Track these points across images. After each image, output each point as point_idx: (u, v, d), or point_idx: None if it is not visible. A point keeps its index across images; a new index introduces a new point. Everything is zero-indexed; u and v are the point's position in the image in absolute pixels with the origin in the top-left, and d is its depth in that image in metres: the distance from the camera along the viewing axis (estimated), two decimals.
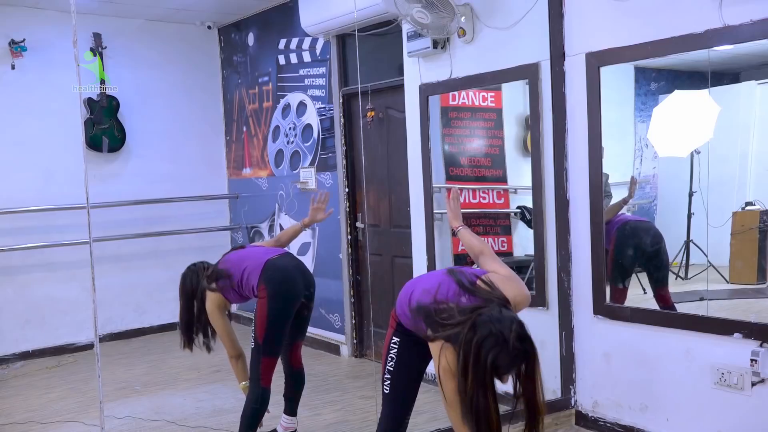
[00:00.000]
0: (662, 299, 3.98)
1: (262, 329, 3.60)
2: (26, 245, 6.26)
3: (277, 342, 3.68)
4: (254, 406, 3.65)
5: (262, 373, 3.63)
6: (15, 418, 4.79)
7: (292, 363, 3.99)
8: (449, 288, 2.64)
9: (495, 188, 5.13)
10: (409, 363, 2.79)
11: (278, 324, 3.65)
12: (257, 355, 3.64)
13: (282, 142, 6.60)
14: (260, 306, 3.61)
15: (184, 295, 3.86)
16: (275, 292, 3.64)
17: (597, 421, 4.09)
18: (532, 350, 2.38)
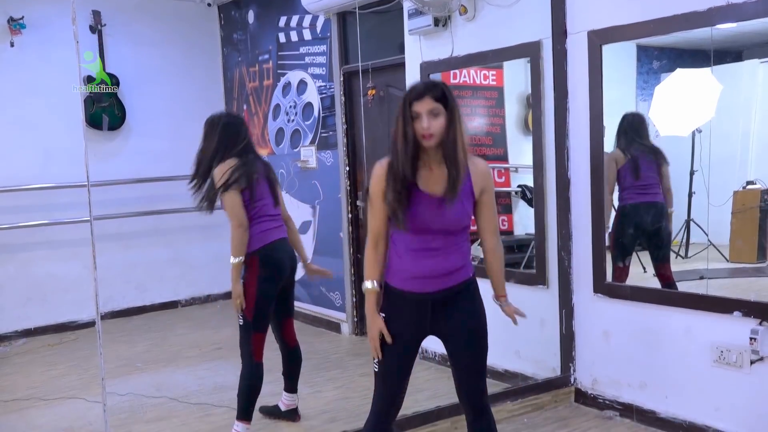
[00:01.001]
0: (663, 276, 4.00)
1: (251, 306, 3.62)
2: (27, 223, 6.27)
3: (266, 318, 3.72)
4: (249, 382, 3.67)
5: (254, 349, 3.66)
6: (17, 395, 4.82)
7: (287, 341, 4.01)
8: None
9: (496, 167, 5.13)
10: (397, 341, 2.68)
11: (266, 303, 3.69)
12: (247, 332, 3.65)
13: (282, 120, 6.58)
14: (249, 285, 3.63)
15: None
16: (269, 276, 3.67)
17: (596, 398, 4.12)
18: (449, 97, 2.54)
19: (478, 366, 2.77)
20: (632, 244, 4.20)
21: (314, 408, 4.28)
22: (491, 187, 2.72)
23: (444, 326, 2.71)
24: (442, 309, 2.68)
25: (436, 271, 2.63)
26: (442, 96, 2.51)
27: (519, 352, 4.53)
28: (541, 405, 4.15)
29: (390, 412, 2.76)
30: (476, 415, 2.77)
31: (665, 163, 4.05)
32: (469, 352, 2.75)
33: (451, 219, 2.59)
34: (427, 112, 2.49)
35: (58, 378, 5.17)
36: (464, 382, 2.77)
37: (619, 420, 3.96)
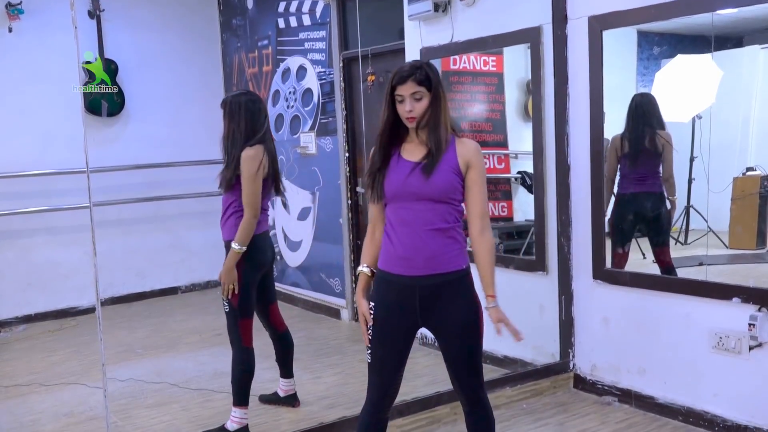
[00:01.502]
0: (661, 262, 3.99)
1: (237, 294, 3.63)
2: (27, 209, 6.27)
3: (251, 304, 3.72)
4: (241, 368, 3.67)
5: (242, 335, 3.66)
6: (18, 381, 4.84)
7: (275, 326, 4.01)
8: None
9: (496, 153, 5.12)
10: (385, 329, 2.64)
11: (250, 289, 3.69)
12: (234, 319, 3.65)
13: (282, 106, 6.57)
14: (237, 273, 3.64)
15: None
16: (254, 265, 3.67)
17: (595, 384, 4.13)
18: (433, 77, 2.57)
19: (470, 362, 2.70)
20: (631, 231, 4.20)
21: (314, 394, 4.29)
22: (479, 165, 2.62)
23: (435, 321, 2.65)
24: (433, 301, 2.61)
25: (418, 251, 2.56)
26: (426, 78, 2.54)
27: None
28: (540, 391, 4.16)
29: (383, 403, 2.72)
30: (471, 407, 2.76)
31: (669, 149, 4.01)
32: (460, 349, 2.68)
33: (428, 184, 2.54)
34: (410, 95, 2.53)
35: (59, 364, 5.19)
36: (457, 377, 2.72)
37: (617, 405, 3.97)
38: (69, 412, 4.23)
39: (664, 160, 4.03)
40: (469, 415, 2.77)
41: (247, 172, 3.57)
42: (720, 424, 3.53)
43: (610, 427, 3.71)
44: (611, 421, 3.78)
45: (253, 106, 3.71)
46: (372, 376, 2.71)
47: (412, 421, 3.69)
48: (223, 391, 4.23)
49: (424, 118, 2.56)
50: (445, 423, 3.76)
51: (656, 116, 3.99)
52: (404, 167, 2.59)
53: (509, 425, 3.79)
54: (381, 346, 2.67)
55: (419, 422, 3.71)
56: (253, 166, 3.57)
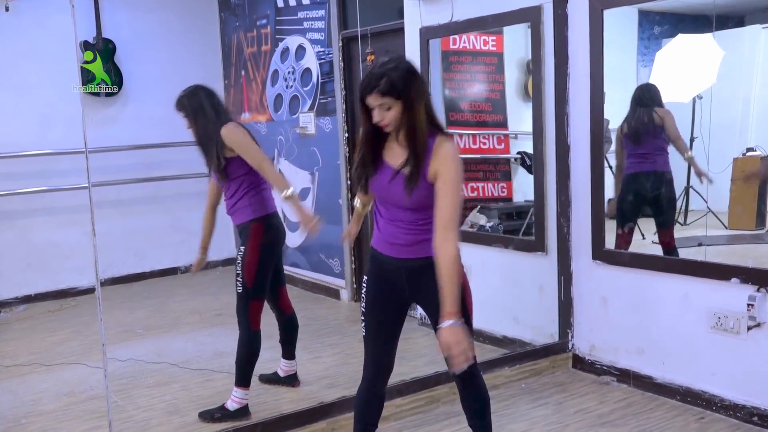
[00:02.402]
0: (664, 243, 3.99)
1: (252, 274, 3.63)
2: (26, 190, 6.26)
3: (264, 286, 3.72)
4: (248, 350, 3.69)
5: (251, 317, 3.67)
6: (19, 360, 4.86)
7: (283, 309, 4.03)
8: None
9: (495, 133, 5.11)
10: (376, 302, 2.69)
11: (266, 271, 3.70)
12: (245, 300, 3.66)
13: (281, 86, 6.54)
14: (251, 253, 3.63)
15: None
16: (270, 243, 3.68)
17: (593, 364, 4.15)
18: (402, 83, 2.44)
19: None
20: (634, 212, 4.19)
21: (313, 374, 4.31)
22: (448, 173, 2.47)
23: (422, 298, 2.73)
24: (419, 279, 2.65)
25: (398, 240, 2.62)
26: (390, 88, 2.42)
27: (517, 318, 4.56)
28: (539, 371, 4.18)
29: (378, 379, 2.77)
30: (465, 383, 2.80)
31: (670, 118, 3.99)
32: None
33: (407, 197, 2.53)
34: (377, 106, 2.46)
35: (59, 344, 5.20)
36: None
37: (616, 385, 3.99)
38: (70, 392, 4.25)
39: (666, 129, 4.00)
40: (463, 391, 2.81)
41: (238, 142, 3.57)
42: (718, 404, 3.55)
43: (608, 407, 3.73)
44: (609, 401, 3.80)
45: (212, 95, 3.76)
46: (366, 352, 2.77)
47: (412, 401, 3.71)
48: (223, 371, 4.25)
49: (397, 124, 2.49)
50: (444, 402, 3.78)
51: (657, 102, 3.98)
52: (387, 172, 2.57)
53: (508, 405, 3.81)
54: (373, 318, 2.72)
55: (418, 401, 3.73)
56: (240, 132, 3.59)
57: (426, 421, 3.63)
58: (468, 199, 5.04)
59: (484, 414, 2.83)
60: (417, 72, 2.53)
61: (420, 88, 2.50)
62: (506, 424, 3.56)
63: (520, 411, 3.73)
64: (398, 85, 2.43)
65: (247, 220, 3.67)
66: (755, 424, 3.39)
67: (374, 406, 2.82)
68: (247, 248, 3.64)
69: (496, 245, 4.62)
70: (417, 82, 2.50)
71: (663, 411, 3.65)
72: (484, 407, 2.83)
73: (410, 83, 2.46)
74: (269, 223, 3.70)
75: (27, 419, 3.89)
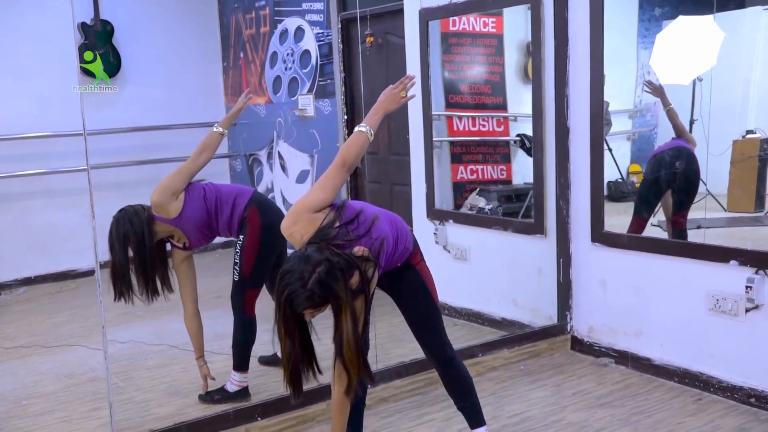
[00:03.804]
0: (676, 224, 3.98)
1: (251, 261, 3.61)
2: (25, 172, 6.25)
3: (263, 274, 3.71)
4: (243, 336, 3.70)
5: (246, 304, 3.67)
6: (20, 342, 4.87)
7: None
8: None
9: (495, 116, 5.10)
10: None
11: (268, 256, 3.67)
12: (241, 288, 3.65)
13: (280, 68, 6.51)
14: (250, 236, 3.61)
15: (127, 241, 3.48)
16: (270, 223, 3.60)
17: (592, 345, 4.16)
18: (330, 295, 2.31)
19: (427, 321, 2.84)
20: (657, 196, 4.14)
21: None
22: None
23: (390, 285, 2.80)
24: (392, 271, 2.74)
25: None
26: (321, 301, 2.33)
27: (516, 300, 4.57)
28: (537, 352, 4.20)
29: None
30: (443, 368, 2.89)
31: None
32: (416, 309, 2.83)
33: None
34: (309, 317, 2.40)
35: (59, 326, 5.22)
36: (420, 339, 2.87)
37: (614, 367, 4.01)
38: (70, 373, 4.26)
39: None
40: (444, 377, 2.90)
41: (161, 190, 3.53)
42: (715, 385, 3.56)
43: (606, 388, 3.74)
44: (608, 382, 3.82)
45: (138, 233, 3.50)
46: None
47: (410, 382, 3.73)
48: (223, 353, 4.26)
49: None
50: (443, 384, 3.79)
51: None
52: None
53: (507, 386, 3.83)
54: None
55: (417, 383, 3.75)
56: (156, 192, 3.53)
57: (424, 403, 3.65)
58: (468, 182, 5.04)
59: (470, 394, 2.89)
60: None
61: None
62: (505, 405, 3.58)
63: (519, 392, 3.75)
64: (328, 296, 2.34)
65: (240, 215, 3.63)
66: (752, 405, 3.41)
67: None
68: (247, 236, 3.62)
69: (495, 227, 4.62)
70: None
71: (661, 392, 3.66)
72: (468, 388, 2.88)
73: (340, 294, 2.35)
74: (260, 201, 3.67)
75: (28, 400, 3.91)
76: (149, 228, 3.49)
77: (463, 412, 2.92)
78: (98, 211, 3.10)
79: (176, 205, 3.51)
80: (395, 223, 2.76)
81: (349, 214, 2.54)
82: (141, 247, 3.48)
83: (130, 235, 3.46)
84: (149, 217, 3.51)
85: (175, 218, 3.52)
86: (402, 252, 2.76)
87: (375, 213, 2.64)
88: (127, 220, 3.49)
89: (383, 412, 3.52)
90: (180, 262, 3.69)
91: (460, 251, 4.80)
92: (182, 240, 3.61)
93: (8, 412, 3.77)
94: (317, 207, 2.53)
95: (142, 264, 3.51)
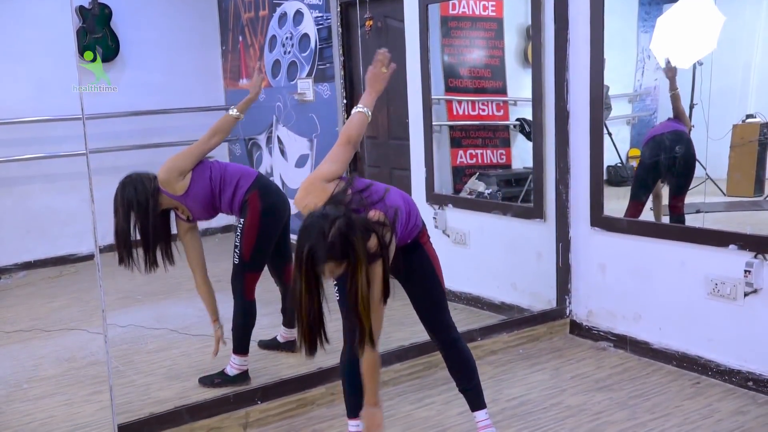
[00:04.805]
0: (675, 208, 3.98)
1: (251, 244, 3.61)
2: (24, 156, 6.24)
3: (263, 258, 3.71)
4: (243, 320, 3.71)
5: (246, 288, 3.68)
6: (20, 326, 4.88)
7: (287, 283, 4.02)
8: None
9: (494, 100, 5.08)
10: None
11: (267, 240, 3.68)
12: (241, 272, 3.66)
13: (279, 52, 6.49)
14: (250, 220, 3.61)
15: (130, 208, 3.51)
16: (271, 207, 3.65)
17: (591, 330, 4.18)
18: (349, 249, 2.29)
19: (434, 304, 2.85)
20: (655, 180, 4.15)
21: None
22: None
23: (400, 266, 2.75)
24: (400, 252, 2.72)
25: None
26: (342, 255, 2.29)
27: (515, 284, 4.58)
28: (536, 336, 4.21)
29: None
30: (448, 350, 2.90)
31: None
32: (424, 292, 2.84)
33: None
34: (329, 273, 2.34)
35: (60, 310, 5.23)
36: (426, 322, 2.88)
37: (613, 351, 4.02)
38: (71, 357, 4.28)
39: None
40: (448, 358, 2.90)
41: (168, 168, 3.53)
42: (713, 369, 3.58)
43: (605, 372, 3.76)
44: (606, 366, 3.83)
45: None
46: (343, 320, 2.76)
47: (410, 366, 3.75)
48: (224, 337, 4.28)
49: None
50: (442, 368, 3.76)
51: None
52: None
53: (506, 370, 3.84)
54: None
55: (417, 366, 3.76)
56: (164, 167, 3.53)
57: (424, 386, 3.67)
58: (467, 166, 5.04)
59: (473, 376, 2.90)
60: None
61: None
62: (504, 389, 3.59)
63: (518, 376, 3.76)
64: (348, 252, 2.31)
65: (242, 198, 3.64)
66: (750, 388, 3.43)
67: (359, 370, 2.85)
68: (247, 220, 3.63)
69: (494, 212, 4.62)
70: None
71: (659, 376, 3.68)
72: (471, 371, 2.90)
73: (359, 251, 2.32)
74: (264, 186, 3.68)
75: (29, 384, 3.93)
76: (154, 199, 3.51)
77: (465, 394, 2.94)
78: (97, 196, 3.10)
79: (183, 183, 3.52)
80: (406, 198, 2.80)
81: (361, 185, 2.56)
82: (143, 216, 3.50)
83: (133, 202, 3.48)
84: (155, 189, 3.52)
85: (180, 195, 3.54)
86: (412, 228, 2.77)
87: (386, 186, 2.66)
88: (133, 188, 3.51)
89: (383, 395, 3.52)
90: (185, 233, 3.72)
91: (459, 235, 4.81)
92: (186, 213, 3.63)
93: (9, 396, 3.79)
94: (329, 178, 2.56)
95: (144, 232, 3.54)
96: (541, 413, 3.33)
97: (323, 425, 3.31)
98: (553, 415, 3.30)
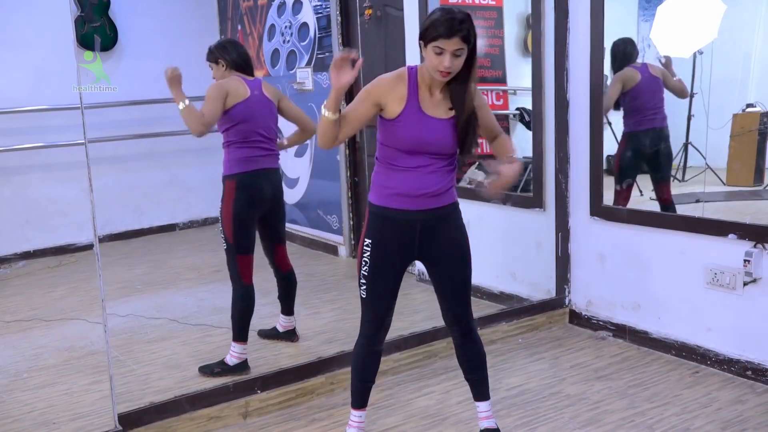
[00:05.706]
0: (662, 198, 3.99)
1: (230, 229, 3.64)
2: (22, 146, 6.23)
3: (247, 240, 3.71)
4: (242, 305, 3.71)
5: (241, 272, 3.68)
6: (20, 316, 4.89)
7: (280, 267, 4.03)
8: None
9: (494, 89, 5.07)
10: (383, 268, 2.67)
11: (244, 225, 3.68)
12: (231, 254, 3.67)
13: (278, 41, 6.47)
14: (225, 208, 3.65)
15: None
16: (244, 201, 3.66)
17: (590, 319, 4.18)
18: (473, 30, 2.45)
19: (464, 290, 2.79)
20: (636, 169, 4.16)
21: (312, 329, 4.34)
22: (483, 100, 2.81)
23: (432, 251, 2.71)
24: (431, 234, 2.67)
25: (425, 191, 2.61)
26: (468, 34, 2.41)
27: (515, 274, 4.58)
28: (536, 326, 4.22)
29: (378, 336, 2.80)
30: (464, 338, 2.84)
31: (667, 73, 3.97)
32: (456, 276, 2.76)
33: (455, 144, 2.62)
34: (452, 51, 2.42)
35: (59, 300, 5.23)
36: (452, 307, 2.80)
37: (612, 340, 4.03)
38: (70, 347, 4.28)
39: (666, 81, 3.96)
40: (462, 347, 2.86)
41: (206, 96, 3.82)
42: (712, 358, 3.58)
43: (604, 361, 3.77)
44: (605, 355, 3.84)
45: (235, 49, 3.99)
46: (366, 312, 2.76)
47: (410, 356, 3.75)
48: (222, 327, 4.28)
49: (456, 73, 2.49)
50: (442, 357, 3.82)
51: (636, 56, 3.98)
52: (433, 125, 2.57)
53: (505, 359, 3.85)
54: (377, 283, 2.71)
55: (416, 356, 3.77)
56: (210, 88, 3.85)
57: (423, 376, 3.67)
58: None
59: (482, 367, 2.88)
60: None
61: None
62: (503, 378, 3.60)
63: (517, 365, 3.77)
64: (472, 34, 2.45)
65: (223, 175, 3.70)
66: (748, 377, 3.44)
67: (374, 362, 2.86)
68: (222, 205, 3.68)
69: (494, 201, 4.61)
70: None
71: (658, 365, 3.69)
72: (483, 361, 2.88)
73: (476, 36, 2.49)
74: (243, 182, 3.68)
75: (29, 373, 3.93)
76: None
77: (472, 384, 2.91)
78: (96, 185, 3.10)
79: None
80: None
81: None
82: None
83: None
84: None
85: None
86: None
87: None
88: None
89: (383, 384, 3.54)
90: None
91: None
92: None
93: (9, 385, 3.79)
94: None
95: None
96: (540, 402, 3.34)
97: (323, 414, 3.32)
98: (553, 404, 3.31)
